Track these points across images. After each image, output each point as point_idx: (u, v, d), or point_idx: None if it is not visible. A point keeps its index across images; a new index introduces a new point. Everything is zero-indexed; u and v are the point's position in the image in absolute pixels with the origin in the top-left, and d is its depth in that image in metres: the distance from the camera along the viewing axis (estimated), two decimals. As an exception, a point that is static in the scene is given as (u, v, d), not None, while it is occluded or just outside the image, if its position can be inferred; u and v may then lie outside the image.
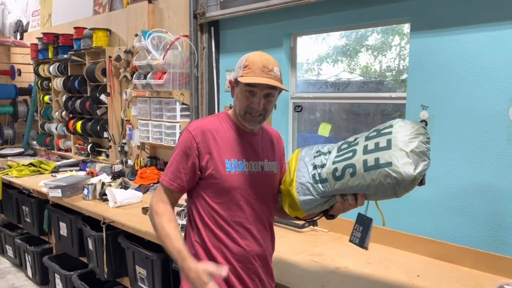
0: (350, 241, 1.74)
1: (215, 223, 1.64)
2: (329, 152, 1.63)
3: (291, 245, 2.47)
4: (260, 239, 1.70)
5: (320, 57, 3.15)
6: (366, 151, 1.51)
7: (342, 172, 1.53)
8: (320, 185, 1.58)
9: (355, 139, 1.61)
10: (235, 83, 1.65)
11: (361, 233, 1.71)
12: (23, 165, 4.49)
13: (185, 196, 1.76)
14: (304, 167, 1.64)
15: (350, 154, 1.55)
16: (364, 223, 1.71)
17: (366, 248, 1.69)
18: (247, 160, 1.68)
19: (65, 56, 4.82)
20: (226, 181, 1.62)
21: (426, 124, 2.35)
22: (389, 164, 1.43)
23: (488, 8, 2.10)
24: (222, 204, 1.64)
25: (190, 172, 1.63)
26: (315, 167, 1.61)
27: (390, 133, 1.51)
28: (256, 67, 1.58)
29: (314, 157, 1.65)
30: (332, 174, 1.55)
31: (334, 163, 1.57)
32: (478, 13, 2.13)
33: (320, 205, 1.63)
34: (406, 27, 2.59)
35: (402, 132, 1.49)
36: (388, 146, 1.47)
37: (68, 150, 5.22)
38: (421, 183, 1.49)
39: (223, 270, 1.49)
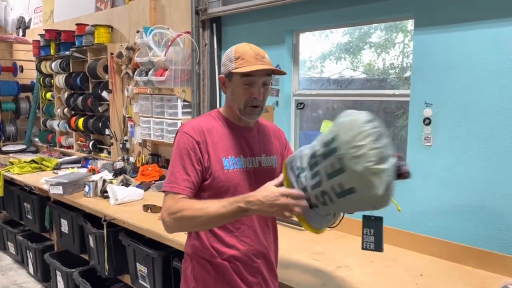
0: (364, 248, 1.58)
1: (230, 225, 1.61)
2: (303, 169, 1.42)
3: (292, 243, 2.45)
4: (261, 237, 1.68)
5: (323, 54, 3.13)
6: (327, 174, 1.33)
7: (323, 199, 1.37)
8: (315, 209, 1.42)
9: (314, 153, 1.39)
10: (226, 78, 1.60)
11: (374, 236, 1.58)
12: (25, 162, 4.49)
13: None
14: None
15: (318, 179, 1.36)
16: (373, 224, 1.58)
17: (382, 250, 1.58)
18: (244, 156, 1.64)
19: (67, 52, 4.80)
20: (225, 179, 1.58)
21: (430, 122, 2.32)
22: (353, 190, 1.28)
23: (494, 4, 2.07)
24: None
25: (199, 175, 1.55)
26: (304, 189, 1.40)
27: (336, 149, 1.29)
28: (249, 56, 1.54)
29: (297, 177, 1.43)
30: (317, 201, 1.39)
31: (312, 189, 1.38)
32: (483, 9, 2.11)
33: (330, 218, 1.50)
34: (410, 24, 2.56)
35: (347, 144, 1.27)
36: (342, 168, 1.28)
37: (70, 147, 5.23)
38: (403, 177, 1.35)
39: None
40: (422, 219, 2.39)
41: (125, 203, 3.16)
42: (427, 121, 2.33)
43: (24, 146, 5.75)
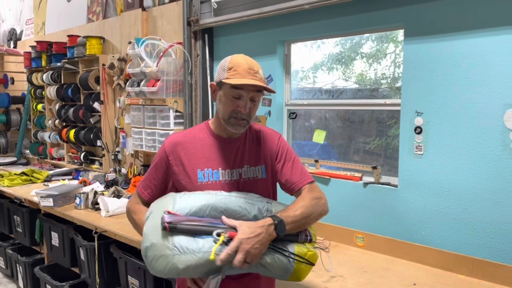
0: None
1: None
2: None
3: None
4: None
5: (315, 65, 3.15)
6: None
7: None
8: None
9: None
10: (217, 86, 1.60)
11: None
12: (15, 174, 4.44)
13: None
14: None
15: None
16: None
17: None
18: (224, 168, 1.62)
19: (59, 64, 4.79)
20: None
21: (421, 131, 2.34)
22: None
23: (482, 14, 2.10)
24: None
25: (161, 183, 1.68)
26: None
27: None
28: (241, 69, 1.53)
29: None
30: None
31: None
32: (472, 18, 2.13)
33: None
34: (401, 35, 2.58)
35: None
36: None
37: (61, 159, 5.18)
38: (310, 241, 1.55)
39: None
40: (415, 228, 2.39)
41: (117, 215, 3.12)
42: (418, 130, 2.35)
43: (14, 158, 5.69)
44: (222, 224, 1.47)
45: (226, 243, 1.42)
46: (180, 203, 1.49)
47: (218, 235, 1.43)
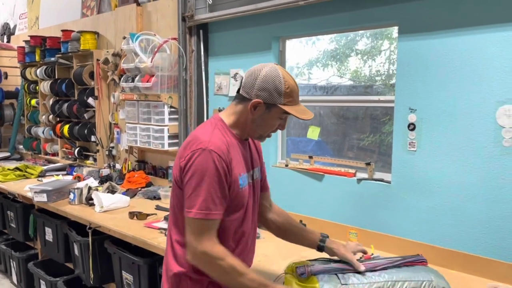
0: None
1: (234, 241, 1.60)
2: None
3: (278, 249, 2.44)
4: (253, 248, 1.74)
5: (310, 61, 3.15)
6: None
7: None
8: None
9: None
10: (264, 105, 1.51)
11: None
12: (8, 169, 4.41)
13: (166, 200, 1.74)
14: None
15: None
16: None
17: None
18: (247, 171, 1.62)
19: (53, 59, 4.76)
20: (240, 197, 1.56)
21: (414, 127, 2.35)
22: None
23: (475, 11, 2.11)
24: (235, 221, 1.58)
25: (226, 197, 1.50)
26: None
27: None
28: (295, 94, 1.55)
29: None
30: None
31: None
32: (465, 16, 2.15)
33: None
34: (395, 32, 2.59)
35: None
36: None
37: (55, 154, 5.16)
38: None
39: None
40: (407, 223, 2.41)
41: (111, 210, 3.12)
42: (411, 127, 2.36)
43: (8, 154, 5.65)
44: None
45: None
46: None
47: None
